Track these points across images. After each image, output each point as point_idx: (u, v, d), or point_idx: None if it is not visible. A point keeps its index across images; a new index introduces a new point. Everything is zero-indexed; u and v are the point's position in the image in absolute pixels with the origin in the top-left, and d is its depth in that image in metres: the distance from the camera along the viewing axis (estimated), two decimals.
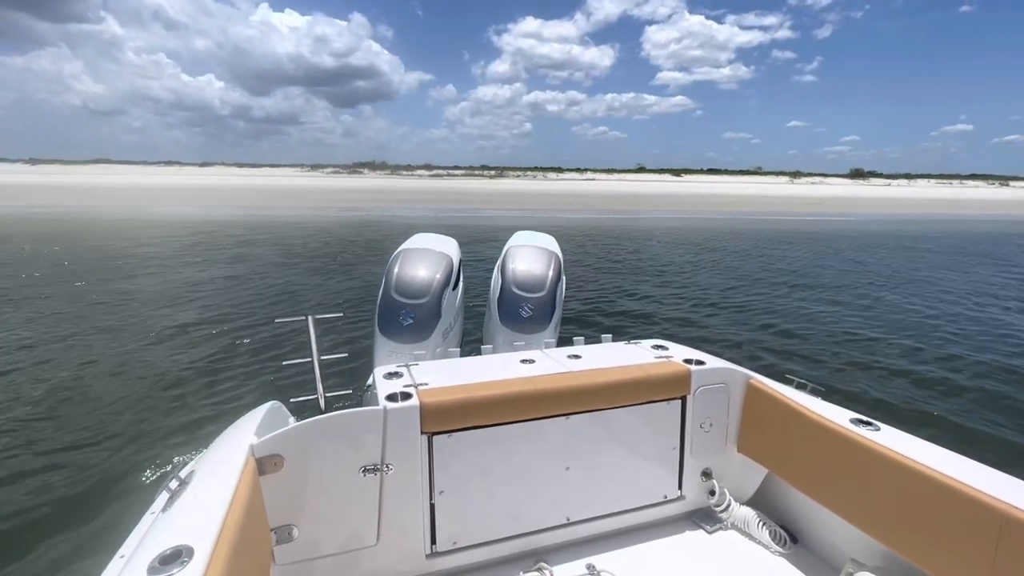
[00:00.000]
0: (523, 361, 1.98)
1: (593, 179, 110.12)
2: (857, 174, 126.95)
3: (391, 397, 1.57)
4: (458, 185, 67.18)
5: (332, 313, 2.28)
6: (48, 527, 2.88)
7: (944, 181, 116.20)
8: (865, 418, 1.60)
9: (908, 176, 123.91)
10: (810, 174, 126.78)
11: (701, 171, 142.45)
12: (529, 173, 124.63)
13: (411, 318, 2.77)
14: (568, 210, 31.81)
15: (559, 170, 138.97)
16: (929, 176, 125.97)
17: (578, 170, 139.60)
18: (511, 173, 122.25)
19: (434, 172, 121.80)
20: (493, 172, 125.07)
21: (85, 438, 3.81)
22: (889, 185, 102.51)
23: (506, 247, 3.43)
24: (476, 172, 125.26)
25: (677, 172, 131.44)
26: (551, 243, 3.54)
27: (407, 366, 1.90)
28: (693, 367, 1.90)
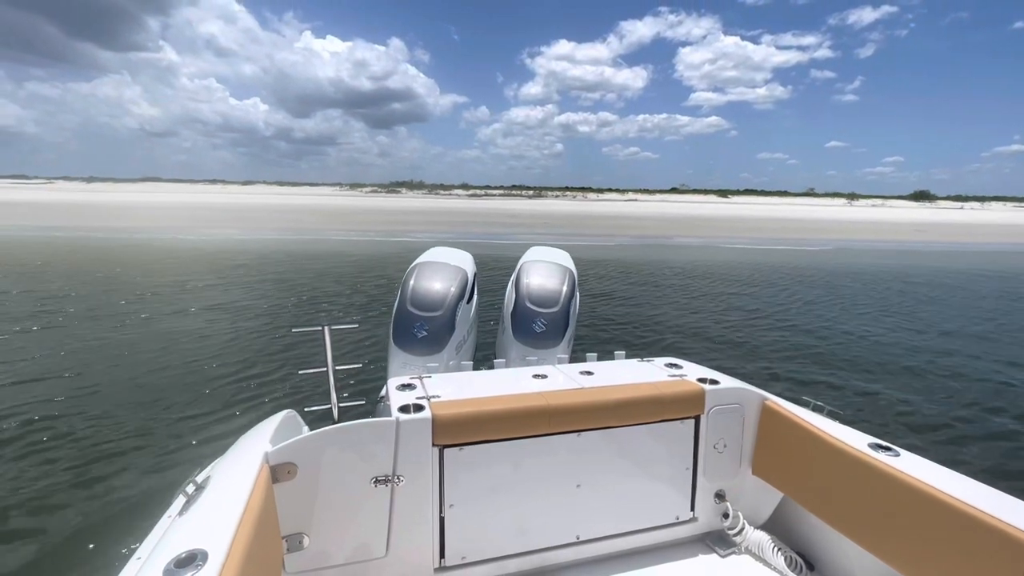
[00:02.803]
0: (535, 376, 1.96)
1: (635, 199, 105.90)
2: (922, 196, 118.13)
3: (404, 408, 1.58)
4: (503, 206, 64.45)
5: (348, 324, 2.27)
6: (68, 527, 2.91)
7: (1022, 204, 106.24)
8: (884, 443, 1.55)
9: (978, 198, 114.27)
10: (868, 196, 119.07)
11: (739, 192, 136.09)
12: (568, 193, 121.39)
13: (425, 330, 2.75)
14: (643, 235, 27.64)
15: (599, 191, 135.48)
16: (986, 198, 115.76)
17: (619, 191, 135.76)
18: (549, 193, 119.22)
19: (472, 192, 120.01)
20: (531, 192, 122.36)
21: (106, 442, 3.88)
22: (962, 208, 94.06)
23: (521, 262, 3.41)
24: (515, 192, 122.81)
25: (723, 193, 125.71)
26: (566, 259, 3.52)
27: (420, 378, 1.89)
28: (707, 386, 1.86)
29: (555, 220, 39.34)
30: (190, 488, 1.24)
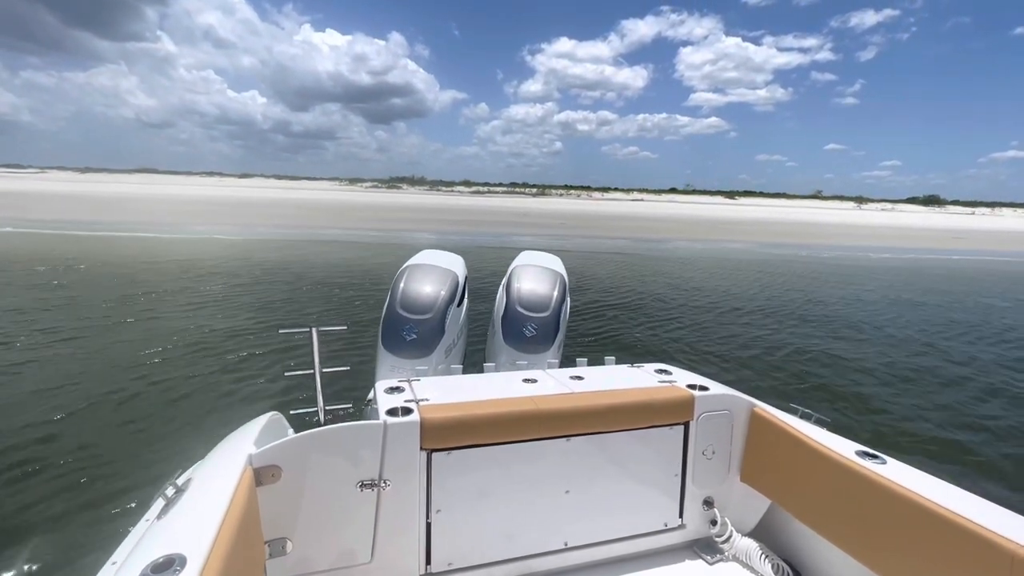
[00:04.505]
0: (525, 380, 1.95)
1: (641, 199, 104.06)
2: (932, 200, 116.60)
3: (391, 412, 1.56)
4: (510, 204, 62.50)
5: (336, 326, 2.22)
6: (41, 530, 2.88)
7: None
8: (871, 451, 1.56)
9: (987, 204, 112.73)
10: (877, 200, 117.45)
11: (740, 193, 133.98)
12: (572, 192, 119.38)
13: (414, 333, 2.75)
14: (673, 238, 25.73)
15: (599, 189, 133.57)
16: (994, 204, 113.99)
17: (620, 190, 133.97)
18: (552, 191, 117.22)
19: (475, 189, 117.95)
20: (535, 190, 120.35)
21: (84, 442, 3.82)
22: (973, 214, 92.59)
23: (512, 266, 3.39)
24: (517, 190, 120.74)
25: (730, 194, 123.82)
26: (557, 263, 3.51)
27: (409, 381, 1.88)
28: (696, 392, 1.86)
29: (571, 220, 37.66)
30: (170, 491, 1.21)
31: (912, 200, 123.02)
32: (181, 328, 6.94)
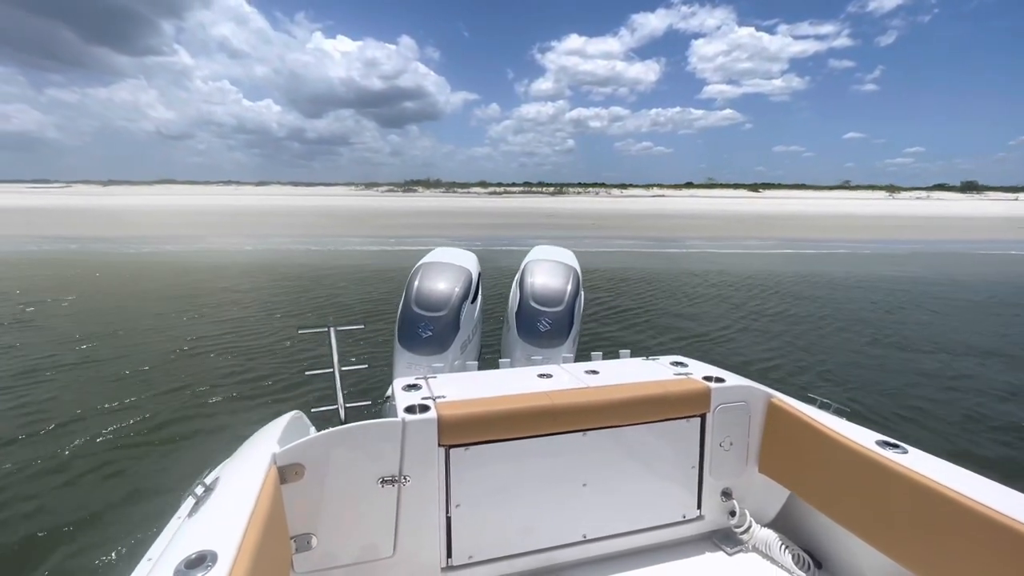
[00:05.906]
0: (541, 376, 1.98)
1: (663, 195, 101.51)
2: (969, 187, 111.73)
3: (409, 409, 1.60)
4: (531, 204, 61.27)
5: (354, 325, 2.27)
6: (80, 528, 2.99)
7: None
8: (892, 440, 1.54)
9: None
10: (907, 188, 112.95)
11: (762, 186, 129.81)
12: (591, 190, 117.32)
13: (430, 330, 2.78)
14: (718, 238, 23.89)
15: (616, 187, 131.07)
16: (1021, 188, 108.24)
17: (636, 186, 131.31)
18: (570, 190, 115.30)
19: (491, 190, 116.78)
20: (552, 189, 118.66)
21: (115, 444, 3.98)
22: (1016, 199, 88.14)
23: (525, 261, 3.40)
24: (535, 189, 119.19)
25: (754, 187, 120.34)
26: (570, 257, 3.51)
27: (425, 378, 1.91)
28: (713, 384, 1.87)
29: (603, 220, 35.79)
30: (199, 489, 1.26)
31: (943, 187, 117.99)
32: (202, 334, 7.04)
